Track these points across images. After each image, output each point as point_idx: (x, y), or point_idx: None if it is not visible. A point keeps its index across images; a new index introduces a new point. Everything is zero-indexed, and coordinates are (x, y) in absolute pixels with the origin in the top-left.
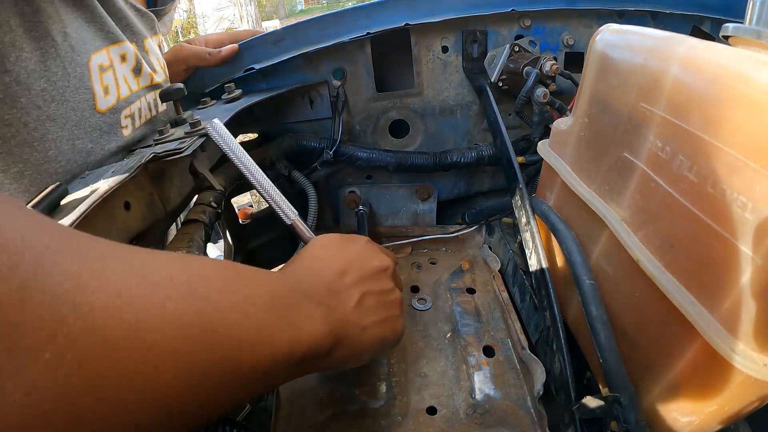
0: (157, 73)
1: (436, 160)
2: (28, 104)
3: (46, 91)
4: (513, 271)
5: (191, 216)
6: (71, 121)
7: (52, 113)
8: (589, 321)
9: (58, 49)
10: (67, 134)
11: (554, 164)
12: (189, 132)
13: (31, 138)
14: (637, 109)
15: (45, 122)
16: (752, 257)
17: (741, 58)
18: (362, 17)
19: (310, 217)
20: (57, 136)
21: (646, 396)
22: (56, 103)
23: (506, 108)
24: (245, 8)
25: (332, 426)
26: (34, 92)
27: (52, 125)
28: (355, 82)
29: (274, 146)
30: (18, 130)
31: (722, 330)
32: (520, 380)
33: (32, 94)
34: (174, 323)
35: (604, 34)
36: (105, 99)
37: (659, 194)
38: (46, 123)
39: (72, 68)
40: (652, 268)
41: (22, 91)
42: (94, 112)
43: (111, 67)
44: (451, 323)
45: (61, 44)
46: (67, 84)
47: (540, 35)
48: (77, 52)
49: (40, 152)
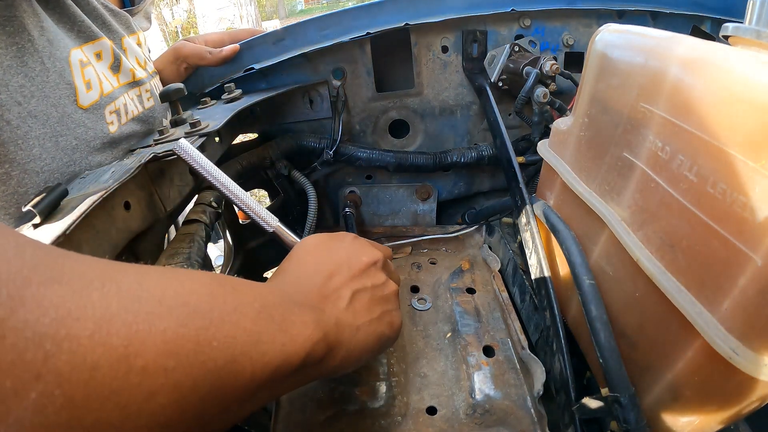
0: (137, 70)
1: (436, 160)
2: (8, 101)
3: (25, 87)
4: (513, 271)
5: (191, 216)
6: (53, 117)
7: (33, 110)
8: (589, 321)
9: (35, 44)
10: (50, 131)
11: (554, 164)
12: (189, 132)
13: (15, 136)
14: (637, 109)
15: (26, 119)
16: (752, 257)
17: (741, 58)
18: (362, 17)
19: (310, 217)
20: (40, 133)
21: (646, 396)
22: (36, 99)
23: (506, 108)
24: (245, 8)
25: (332, 426)
26: (12, 88)
27: (34, 122)
28: (355, 82)
29: (274, 146)
30: (1, 128)
31: (722, 330)
32: (520, 380)
33: (11, 90)
34: (165, 343)
35: (604, 34)
36: (87, 95)
37: (659, 194)
38: (27, 120)
39: (51, 63)
40: (652, 268)
41: (1, 88)
42: (76, 108)
43: (90, 63)
44: (451, 323)
45: (38, 39)
46: (47, 79)
47: (540, 35)
48: (56, 46)
49: (25, 150)
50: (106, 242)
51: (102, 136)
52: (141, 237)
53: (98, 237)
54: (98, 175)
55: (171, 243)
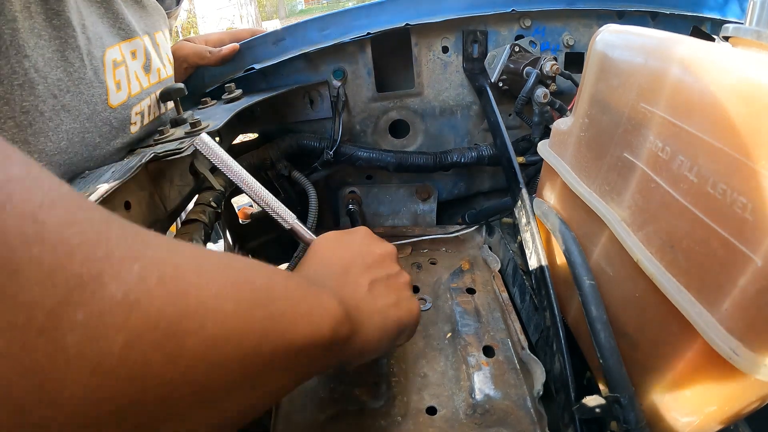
0: (165, 67)
1: (436, 160)
2: (44, 92)
3: (62, 81)
4: (513, 271)
5: (191, 216)
6: (84, 113)
7: (67, 104)
8: (589, 321)
9: (78, 40)
10: (79, 126)
11: (554, 164)
12: (189, 132)
13: (47, 128)
14: (637, 110)
15: (60, 112)
16: (752, 257)
17: (741, 59)
18: (362, 17)
19: (311, 217)
20: (70, 127)
21: (646, 396)
22: (71, 94)
23: (506, 108)
24: (245, 8)
25: (332, 426)
26: (50, 81)
27: (66, 116)
28: (355, 82)
29: (274, 146)
30: (35, 118)
31: (722, 330)
32: (519, 380)
33: (49, 83)
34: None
35: (604, 34)
36: (117, 95)
37: (659, 194)
38: (60, 113)
39: (89, 60)
40: (652, 269)
41: (40, 79)
42: (106, 106)
43: (123, 63)
44: (451, 323)
45: (80, 35)
46: (83, 76)
47: (540, 35)
48: (94, 45)
49: (54, 142)
50: None
51: (123, 135)
52: None
53: None
54: (98, 174)
55: None
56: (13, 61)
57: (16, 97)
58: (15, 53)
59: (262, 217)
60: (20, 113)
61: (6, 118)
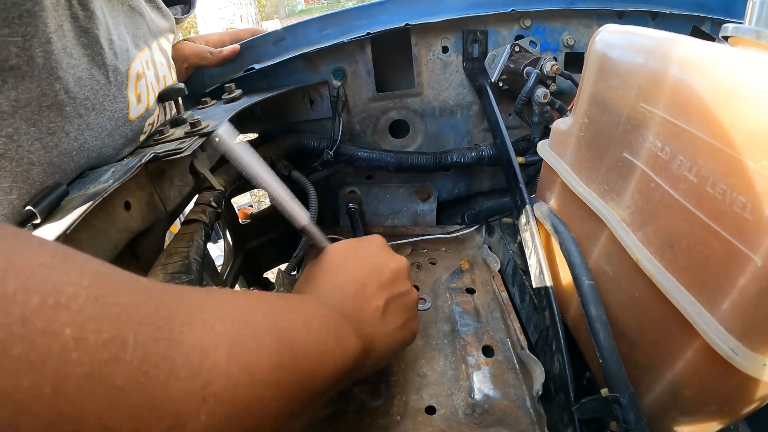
0: (171, 74)
1: (436, 160)
2: (72, 113)
3: (89, 100)
4: (513, 271)
5: (191, 216)
6: (105, 130)
7: (92, 122)
8: (588, 321)
9: (105, 57)
10: (100, 143)
11: (554, 164)
12: (189, 132)
13: (71, 148)
14: (636, 110)
15: (84, 131)
16: (752, 257)
17: (741, 59)
18: (362, 17)
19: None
20: (92, 145)
21: (646, 396)
22: (96, 112)
23: (506, 108)
24: (245, 8)
25: (331, 425)
26: (78, 101)
27: (89, 134)
28: (355, 83)
29: (274, 146)
30: (60, 139)
31: (722, 330)
32: (519, 380)
33: (77, 103)
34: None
35: (604, 34)
36: (137, 107)
37: (659, 194)
38: (85, 132)
39: (114, 77)
40: (652, 268)
41: (69, 100)
42: (126, 120)
43: (144, 75)
44: (451, 323)
45: (107, 51)
46: (107, 93)
47: (540, 35)
48: (120, 59)
49: (77, 162)
50: (106, 242)
51: (133, 144)
52: (141, 237)
53: (98, 237)
54: (98, 175)
55: (170, 243)
56: (44, 84)
57: (44, 119)
58: (47, 75)
59: (262, 217)
60: (47, 134)
61: (33, 140)
